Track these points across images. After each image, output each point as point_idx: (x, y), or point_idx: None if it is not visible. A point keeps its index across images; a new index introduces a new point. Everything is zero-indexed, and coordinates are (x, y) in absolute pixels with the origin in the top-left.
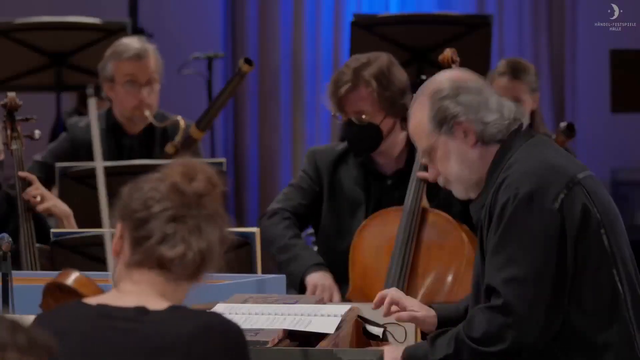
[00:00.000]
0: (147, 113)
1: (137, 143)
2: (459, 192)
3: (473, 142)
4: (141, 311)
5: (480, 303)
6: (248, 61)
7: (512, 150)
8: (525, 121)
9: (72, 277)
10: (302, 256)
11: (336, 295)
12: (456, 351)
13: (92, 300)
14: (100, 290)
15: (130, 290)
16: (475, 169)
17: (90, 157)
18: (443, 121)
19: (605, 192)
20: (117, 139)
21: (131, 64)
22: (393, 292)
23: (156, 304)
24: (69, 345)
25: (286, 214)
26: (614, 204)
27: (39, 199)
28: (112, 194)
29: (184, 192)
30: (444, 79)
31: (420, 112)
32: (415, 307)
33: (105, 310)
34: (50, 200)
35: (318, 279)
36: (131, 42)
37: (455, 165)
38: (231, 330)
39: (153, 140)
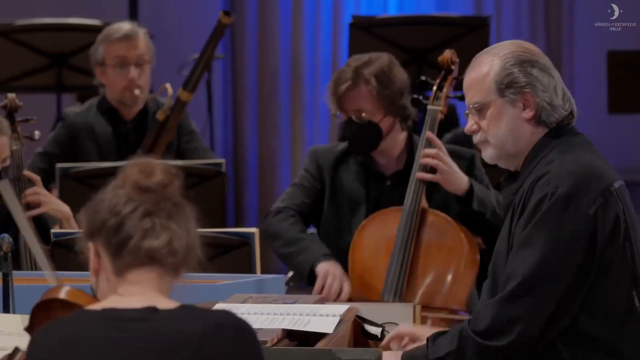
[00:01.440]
0: (137, 92)
1: (132, 128)
2: (490, 156)
3: (529, 117)
4: (151, 310)
5: (497, 291)
6: (227, 13)
7: (555, 144)
8: (575, 118)
9: (64, 290)
10: (311, 248)
11: (346, 286)
12: (459, 347)
13: (95, 306)
14: (95, 300)
15: (132, 291)
16: (519, 143)
17: (87, 138)
18: (509, 86)
19: (631, 203)
20: (113, 125)
21: (120, 45)
22: (400, 328)
23: (163, 302)
24: (85, 351)
25: (291, 212)
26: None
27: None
28: None
29: (148, 188)
30: (518, 45)
31: (484, 68)
32: (427, 335)
33: (114, 313)
34: (47, 205)
35: (329, 267)
36: (121, 25)
37: (503, 131)
38: (244, 329)
39: (146, 121)
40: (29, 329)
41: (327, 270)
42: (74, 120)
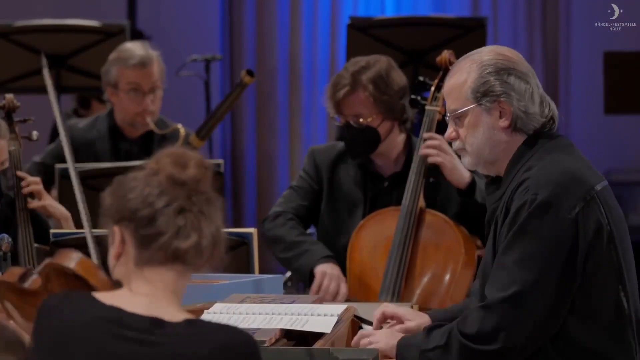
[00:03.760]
0: (148, 119)
1: (135, 147)
2: (469, 163)
3: (506, 125)
4: (156, 323)
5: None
6: (250, 72)
7: (535, 149)
8: (556, 123)
9: (75, 261)
10: (311, 251)
11: (343, 287)
12: (446, 344)
13: (105, 298)
14: (104, 278)
15: (144, 291)
16: (496, 150)
17: (88, 157)
18: (484, 95)
19: (617, 203)
20: (116, 142)
21: (135, 72)
22: (384, 308)
23: (171, 313)
24: (78, 351)
25: (289, 216)
26: (624, 216)
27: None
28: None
29: (183, 182)
30: (496, 53)
31: (463, 75)
32: (409, 315)
33: (118, 316)
34: (47, 199)
35: (327, 268)
36: (136, 49)
37: (480, 139)
38: (248, 348)
39: (151, 144)
40: (41, 271)
41: (325, 271)
42: (76, 136)
